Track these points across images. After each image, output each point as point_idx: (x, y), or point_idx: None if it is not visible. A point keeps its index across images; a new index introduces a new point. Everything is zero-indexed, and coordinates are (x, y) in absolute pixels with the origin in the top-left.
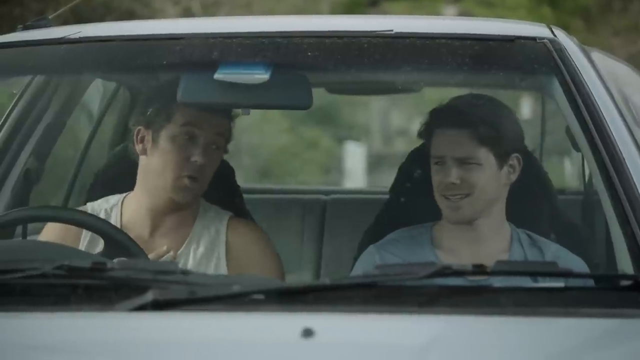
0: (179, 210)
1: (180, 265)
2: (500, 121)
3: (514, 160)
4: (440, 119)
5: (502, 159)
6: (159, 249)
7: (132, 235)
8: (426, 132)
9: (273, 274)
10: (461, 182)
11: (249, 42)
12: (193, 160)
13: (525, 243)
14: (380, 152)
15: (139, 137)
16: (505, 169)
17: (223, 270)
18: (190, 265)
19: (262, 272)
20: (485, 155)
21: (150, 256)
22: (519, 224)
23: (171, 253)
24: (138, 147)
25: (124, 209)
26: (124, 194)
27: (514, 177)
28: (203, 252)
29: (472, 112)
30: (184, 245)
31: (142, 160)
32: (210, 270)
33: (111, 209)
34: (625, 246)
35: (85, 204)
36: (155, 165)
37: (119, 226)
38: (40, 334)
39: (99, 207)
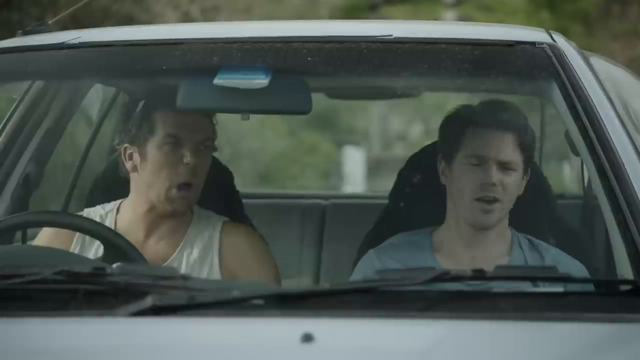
0: (173, 218)
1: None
2: (531, 130)
3: (529, 170)
4: (479, 117)
5: (526, 167)
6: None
7: (127, 233)
8: (455, 128)
9: (268, 280)
10: (500, 185)
11: (249, 47)
12: (185, 163)
13: (525, 247)
14: (380, 157)
15: (126, 154)
16: (525, 178)
17: (216, 276)
18: (182, 270)
19: (256, 278)
20: (519, 162)
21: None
22: (519, 228)
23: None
24: (128, 165)
25: (120, 215)
26: (120, 200)
27: (523, 188)
28: (196, 258)
29: (512, 117)
30: (177, 250)
31: (134, 177)
32: (204, 276)
33: (106, 214)
34: (625, 251)
35: (84, 209)
36: (148, 178)
37: (112, 227)
38: (40, 339)
39: (94, 212)
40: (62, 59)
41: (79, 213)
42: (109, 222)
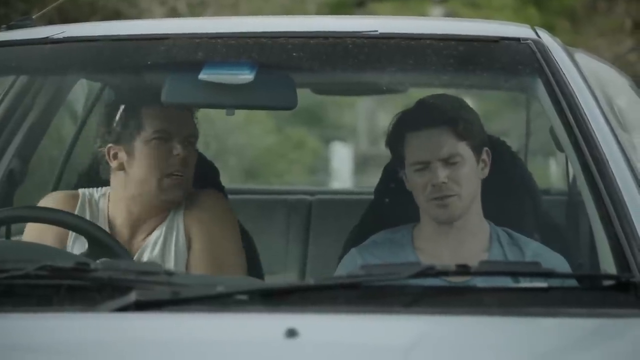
0: (162, 211)
1: (139, 250)
2: (470, 116)
3: (485, 154)
4: (413, 121)
5: (477, 152)
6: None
7: (116, 226)
8: (397, 137)
9: (231, 241)
10: (449, 180)
11: (234, 42)
12: (175, 154)
13: (504, 242)
14: (367, 153)
15: (111, 154)
16: (480, 164)
17: (182, 244)
18: (154, 250)
19: (217, 242)
20: (465, 150)
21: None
22: (503, 223)
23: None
24: (114, 164)
25: (110, 204)
26: (108, 189)
27: (486, 172)
28: (164, 232)
29: (445, 109)
30: (154, 232)
31: (119, 176)
32: (172, 246)
33: (99, 198)
34: (608, 246)
35: (77, 189)
36: (138, 174)
37: (105, 215)
38: (23, 335)
39: (89, 193)
40: (46, 54)
41: (72, 190)
42: (101, 207)
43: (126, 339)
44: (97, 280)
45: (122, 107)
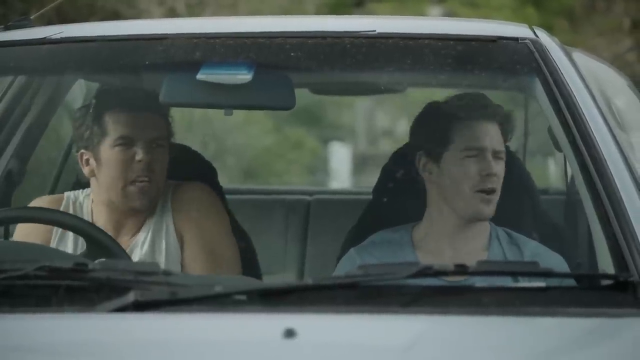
0: (136, 215)
1: (131, 247)
2: (513, 118)
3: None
4: (461, 111)
5: (505, 154)
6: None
7: (100, 225)
8: (439, 124)
9: (224, 234)
10: (496, 175)
11: (232, 42)
12: (138, 160)
13: (503, 241)
14: (366, 153)
15: (83, 160)
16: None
17: (173, 241)
18: (145, 247)
19: (206, 234)
20: (504, 150)
21: None
22: (502, 223)
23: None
24: (85, 170)
25: (93, 202)
26: (90, 190)
27: None
28: (154, 229)
29: (493, 106)
30: (140, 232)
31: (93, 181)
32: (163, 245)
33: (84, 199)
34: (607, 246)
35: (63, 192)
36: (104, 180)
37: (89, 217)
38: (22, 335)
39: (74, 195)
40: (44, 54)
41: (57, 195)
42: (85, 208)
43: (124, 339)
44: (96, 281)
45: (89, 112)
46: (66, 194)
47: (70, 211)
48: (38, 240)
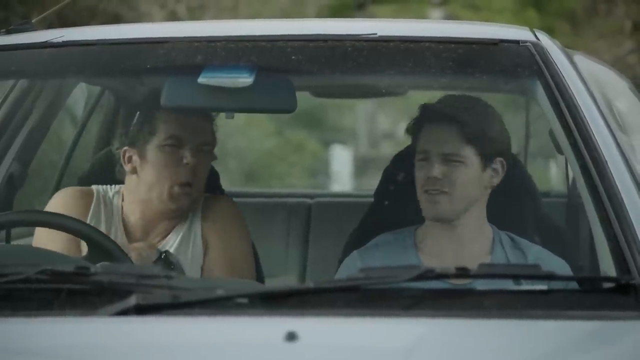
0: (173, 218)
1: (162, 254)
2: (487, 123)
3: (498, 164)
4: (429, 114)
5: (486, 160)
6: (141, 245)
7: (130, 225)
8: (415, 128)
9: (245, 246)
10: (443, 177)
11: (233, 45)
12: (185, 163)
13: (507, 245)
14: (367, 156)
15: (126, 157)
16: (489, 171)
17: (199, 248)
18: (172, 250)
19: (230, 247)
20: (470, 154)
21: (134, 253)
22: (503, 226)
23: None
24: (127, 167)
25: (124, 203)
26: (121, 187)
27: (496, 181)
28: (183, 235)
29: (461, 110)
30: (170, 235)
31: (132, 179)
32: (189, 250)
33: (113, 196)
34: (608, 249)
35: (91, 185)
36: (148, 178)
37: (119, 213)
38: (23, 339)
39: (103, 190)
40: (46, 58)
41: (85, 187)
42: (116, 204)
43: (126, 343)
44: (97, 284)
45: (139, 109)
46: (94, 187)
47: (101, 206)
48: (61, 244)
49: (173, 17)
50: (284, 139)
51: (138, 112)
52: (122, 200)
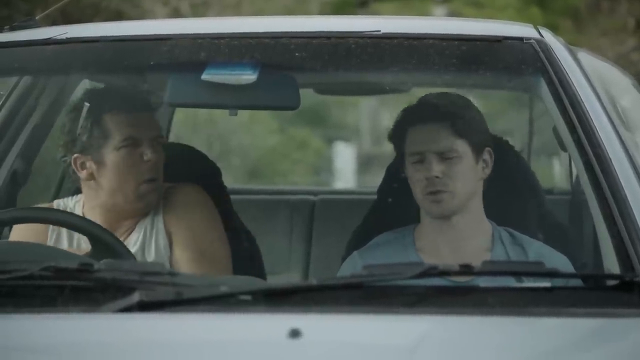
0: (138, 215)
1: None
2: (472, 116)
3: (487, 154)
4: (413, 116)
5: (477, 151)
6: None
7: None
8: (399, 132)
9: (212, 231)
10: (443, 175)
11: (237, 42)
12: (146, 160)
13: (506, 241)
14: (370, 153)
15: (78, 164)
16: (481, 163)
17: (163, 242)
18: (136, 247)
19: (197, 236)
20: (463, 148)
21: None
22: (506, 223)
23: None
24: (82, 175)
25: (85, 207)
26: (81, 196)
27: (487, 172)
28: (145, 231)
29: (445, 107)
30: (132, 233)
31: (89, 185)
32: (152, 247)
33: (74, 205)
34: (612, 246)
35: (53, 201)
36: (111, 182)
37: None
38: (27, 336)
39: (64, 203)
40: (49, 55)
41: (50, 204)
42: (77, 213)
43: (130, 339)
44: (101, 281)
45: (84, 115)
46: (55, 202)
47: None
48: (33, 240)
49: (176, 14)
50: (288, 136)
51: (82, 118)
52: (83, 207)
